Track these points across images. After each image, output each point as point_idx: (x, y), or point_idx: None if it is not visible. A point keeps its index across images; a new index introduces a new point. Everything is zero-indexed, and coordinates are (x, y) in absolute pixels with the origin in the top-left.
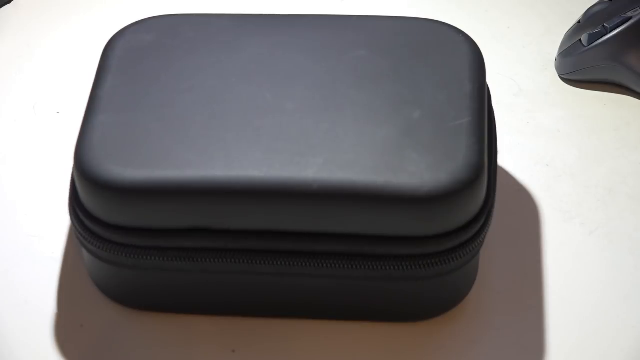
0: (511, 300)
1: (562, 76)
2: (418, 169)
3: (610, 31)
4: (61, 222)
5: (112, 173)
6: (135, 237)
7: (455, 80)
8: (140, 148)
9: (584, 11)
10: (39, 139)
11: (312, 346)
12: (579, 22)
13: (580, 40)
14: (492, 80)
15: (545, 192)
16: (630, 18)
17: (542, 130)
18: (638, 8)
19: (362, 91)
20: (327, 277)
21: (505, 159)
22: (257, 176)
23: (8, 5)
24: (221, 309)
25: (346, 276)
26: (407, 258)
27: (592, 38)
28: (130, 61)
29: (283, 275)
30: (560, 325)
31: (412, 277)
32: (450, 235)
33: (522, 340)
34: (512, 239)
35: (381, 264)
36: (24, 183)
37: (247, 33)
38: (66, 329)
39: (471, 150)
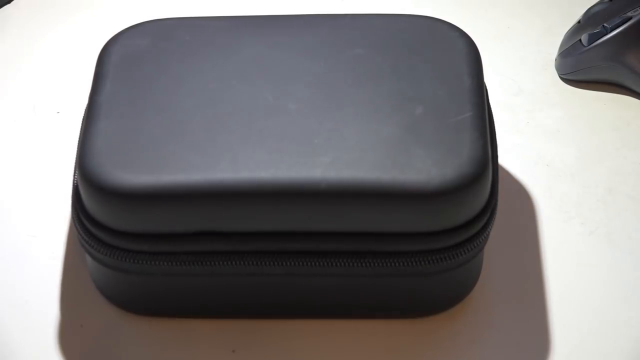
0: (512, 299)
1: (562, 76)
2: (424, 165)
3: (610, 31)
4: (61, 222)
5: (118, 179)
6: (144, 243)
7: (454, 75)
8: (145, 153)
9: (584, 11)
10: (39, 139)
11: (312, 346)
12: (579, 22)
13: (580, 40)
14: (492, 80)
15: (545, 192)
16: (630, 18)
17: (542, 130)
18: (638, 8)
19: (362, 89)
20: (336, 275)
21: (505, 159)
22: (265, 177)
23: (8, 5)
24: (228, 312)
25: (355, 274)
26: (415, 254)
27: (592, 38)
28: (127, 66)
29: (292, 276)
30: (560, 324)
31: (420, 273)
32: (458, 230)
33: (523, 339)
34: (513, 239)
35: (390, 260)
36: (24, 183)
37: (243, 34)
38: (66, 329)
39: (475, 144)
